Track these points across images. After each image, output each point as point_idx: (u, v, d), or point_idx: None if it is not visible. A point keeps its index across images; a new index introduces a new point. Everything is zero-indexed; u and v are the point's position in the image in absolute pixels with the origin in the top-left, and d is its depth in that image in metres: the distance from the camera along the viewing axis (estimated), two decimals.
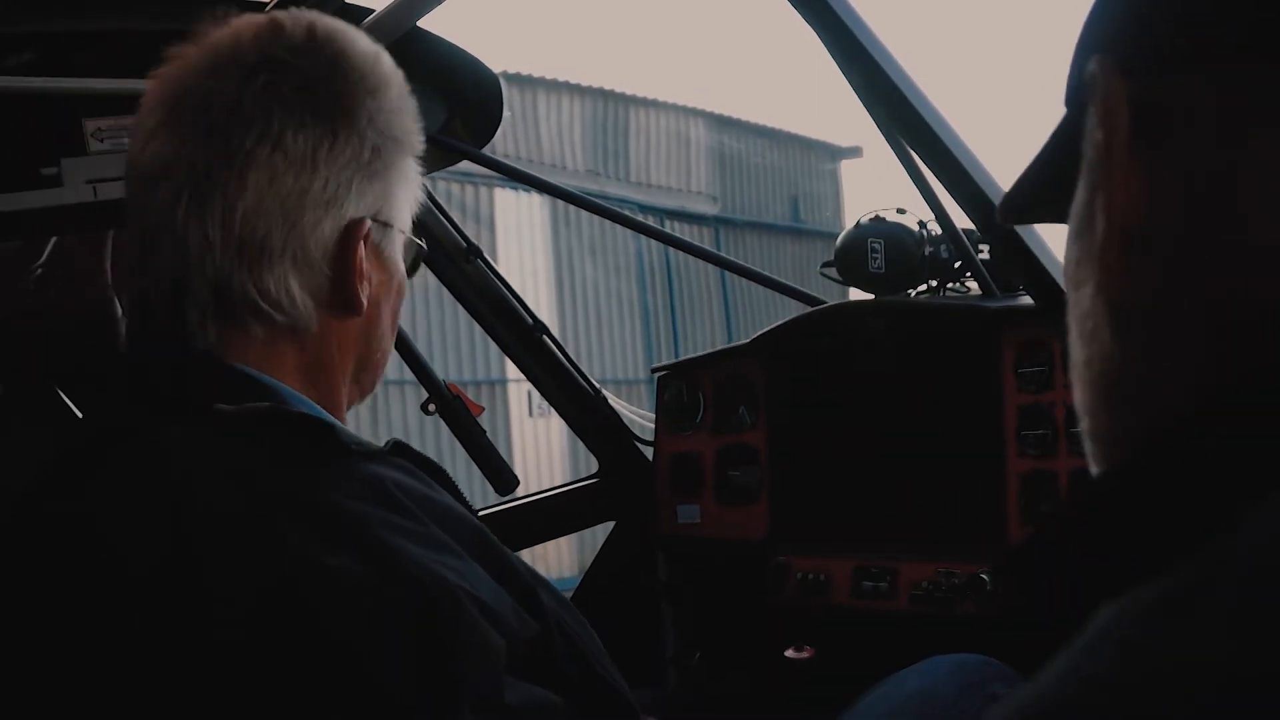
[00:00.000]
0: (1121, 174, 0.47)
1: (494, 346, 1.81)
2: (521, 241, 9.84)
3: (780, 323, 2.03)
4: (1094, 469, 0.51)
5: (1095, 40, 0.51)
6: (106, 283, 2.64)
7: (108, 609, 0.76)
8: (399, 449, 0.87)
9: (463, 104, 1.94)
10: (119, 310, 2.73)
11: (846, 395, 2.01)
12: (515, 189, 9.71)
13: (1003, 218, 0.69)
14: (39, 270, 2.66)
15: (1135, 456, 0.46)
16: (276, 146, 0.84)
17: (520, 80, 10.22)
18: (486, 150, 1.99)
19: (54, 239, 2.56)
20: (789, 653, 1.62)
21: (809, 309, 2.07)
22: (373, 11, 1.64)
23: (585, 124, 11.16)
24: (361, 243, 0.88)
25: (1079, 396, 0.52)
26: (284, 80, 0.86)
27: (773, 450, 2.04)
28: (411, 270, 1.00)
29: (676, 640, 2.20)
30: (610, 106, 11.46)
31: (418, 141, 0.95)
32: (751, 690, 1.67)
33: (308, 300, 0.86)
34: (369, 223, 0.89)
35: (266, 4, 1.62)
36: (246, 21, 0.90)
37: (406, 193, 0.95)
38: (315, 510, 0.77)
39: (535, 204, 9.91)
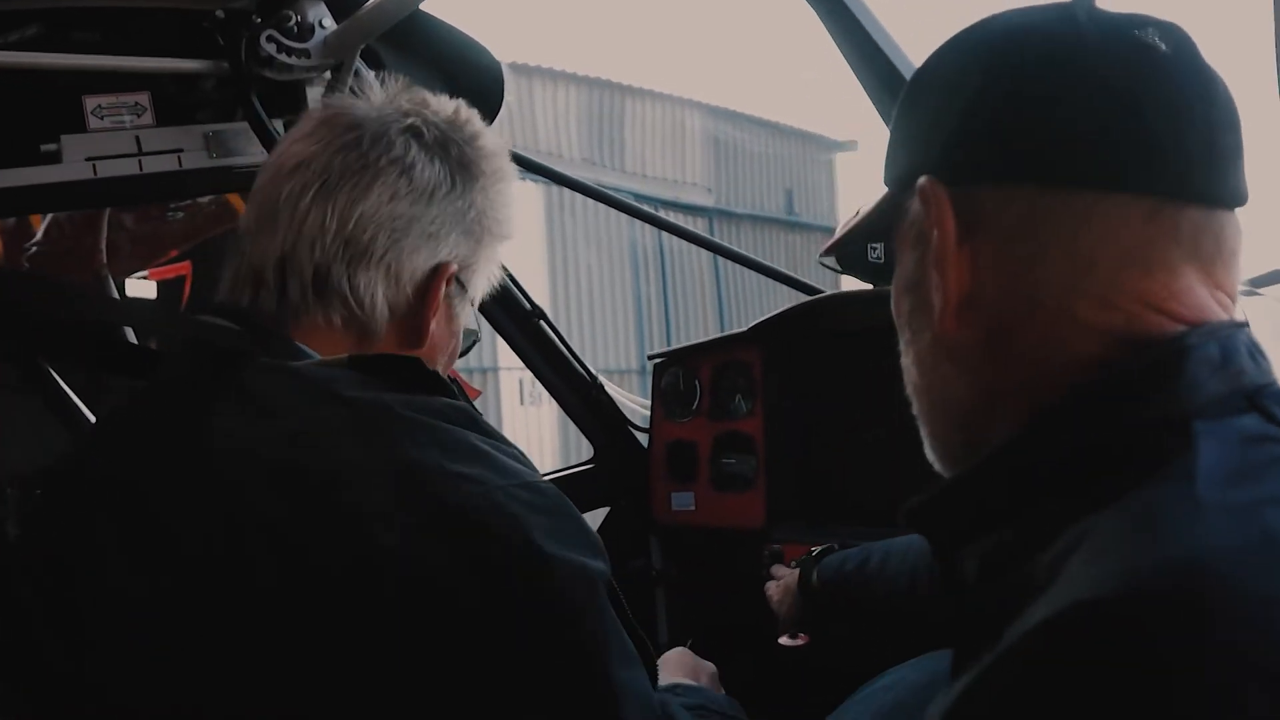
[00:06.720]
0: (953, 261, 0.66)
1: (485, 334, 1.80)
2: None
3: (779, 311, 2.03)
4: (938, 466, 0.75)
5: (912, 153, 0.71)
6: (102, 261, 2.63)
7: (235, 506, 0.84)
8: None
9: (463, 89, 1.92)
10: (114, 289, 2.72)
11: (844, 383, 2.01)
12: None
13: (823, 255, 1.00)
14: (33, 248, 2.65)
15: (975, 466, 0.66)
16: (404, 172, 0.98)
17: (516, 69, 10.19)
18: None
19: (49, 216, 2.55)
20: (784, 640, 1.62)
21: (806, 298, 2.07)
22: None
23: (581, 113, 11.14)
24: (443, 285, 1.00)
25: (919, 410, 0.75)
26: (428, 129, 1.01)
27: (769, 437, 2.04)
28: (463, 351, 1.12)
29: (670, 627, 2.21)
30: (606, 96, 11.43)
31: (510, 234, 1.08)
32: (746, 677, 1.67)
33: (385, 311, 0.98)
34: (454, 268, 1.01)
35: None
36: (403, 94, 1.06)
37: (487, 272, 1.07)
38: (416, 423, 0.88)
39: (530, 191, 9.90)
